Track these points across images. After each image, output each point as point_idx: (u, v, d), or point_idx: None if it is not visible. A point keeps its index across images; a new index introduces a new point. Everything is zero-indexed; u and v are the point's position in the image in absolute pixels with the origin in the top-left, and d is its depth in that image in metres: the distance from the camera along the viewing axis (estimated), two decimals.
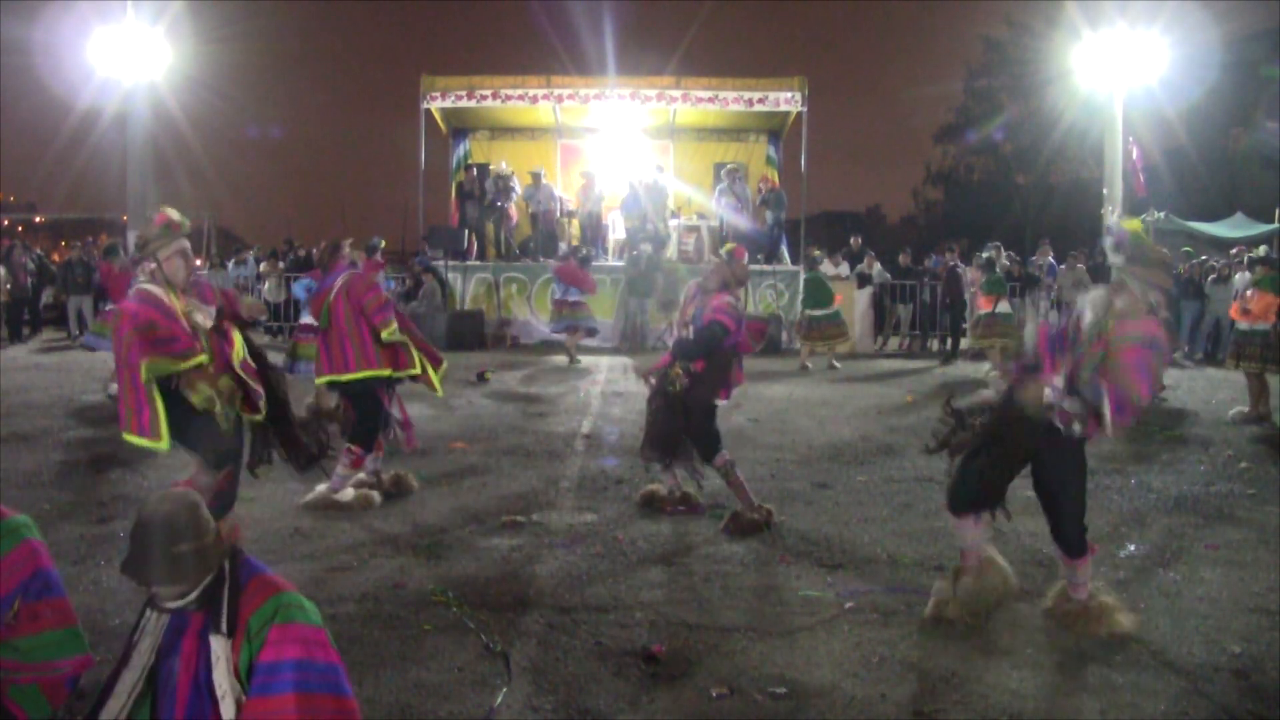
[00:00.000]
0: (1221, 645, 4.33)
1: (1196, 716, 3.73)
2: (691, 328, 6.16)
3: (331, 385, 6.54)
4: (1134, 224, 4.43)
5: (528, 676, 3.97)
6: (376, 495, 6.49)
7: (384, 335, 6.38)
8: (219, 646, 2.68)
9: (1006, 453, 4.48)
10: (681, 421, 6.08)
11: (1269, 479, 7.51)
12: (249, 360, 5.05)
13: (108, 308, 11.00)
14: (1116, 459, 8.11)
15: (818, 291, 14.53)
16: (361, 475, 6.56)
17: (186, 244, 4.96)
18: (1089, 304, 4.36)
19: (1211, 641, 4.38)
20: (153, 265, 4.86)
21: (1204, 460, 8.23)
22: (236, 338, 5.04)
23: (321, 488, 6.36)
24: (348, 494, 6.38)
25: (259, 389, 4.99)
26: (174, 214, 4.96)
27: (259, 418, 5.05)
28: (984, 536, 4.62)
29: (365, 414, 6.40)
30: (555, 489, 7.01)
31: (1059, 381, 4.27)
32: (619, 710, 3.73)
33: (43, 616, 3.00)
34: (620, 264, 17.32)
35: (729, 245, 7.07)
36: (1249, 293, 10.27)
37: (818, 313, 14.38)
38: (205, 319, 4.87)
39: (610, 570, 5.27)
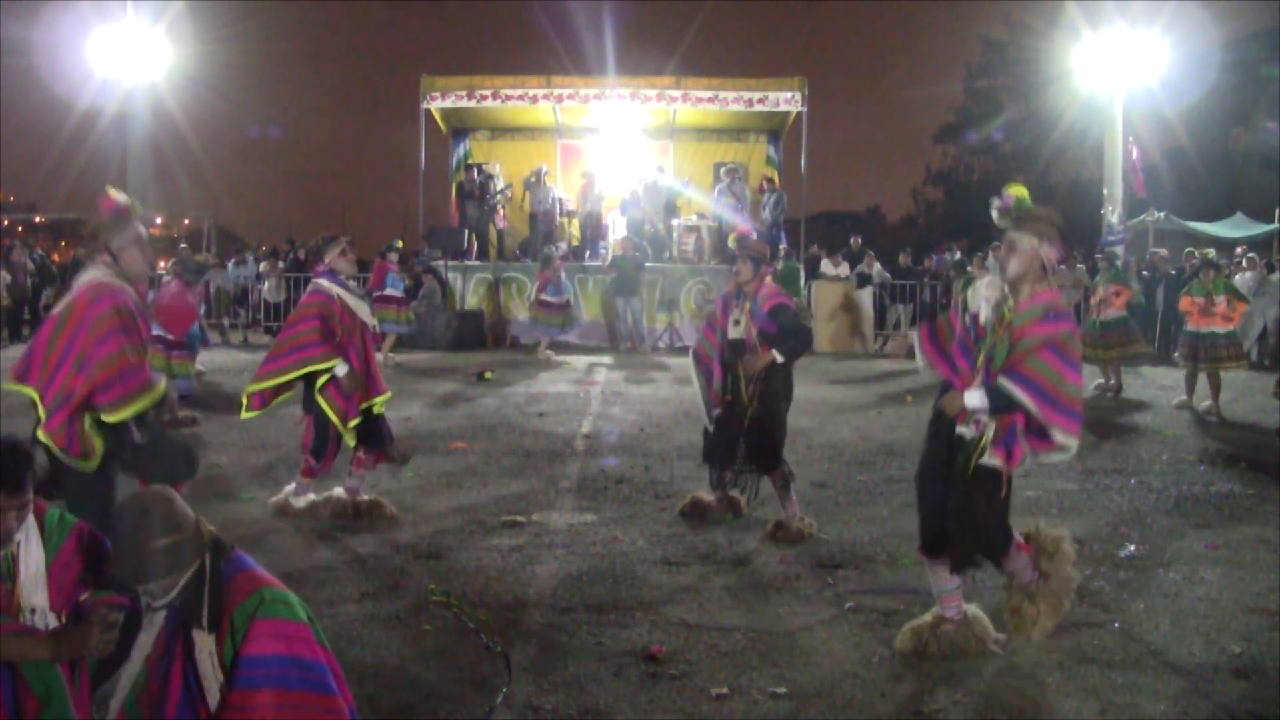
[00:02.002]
0: (1221, 645, 4.33)
1: (1196, 716, 3.73)
2: (759, 324, 5.82)
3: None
4: (1019, 189, 4.18)
5: (528, 676, 3.97)
6: (327, 508, 6.17)
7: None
8: (201, 640, 2.71)
9: (926, 471, 4.24)
10: (764, 421, 5.86)
11: (1269, 479, 7.51)
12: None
13: None
14: (1117, 459, 8.12)
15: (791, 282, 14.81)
16: (340, 491, 6.22)
17: (142, 230, 4.34)
18: (983, 289, 4.13)
19: (1211, 641, 4.38)
20: (106, 258, 4.20)
21: (1204, 460, 8.23)
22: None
23: (288, 488, 6.30)
24: (303, 501, 6.20)
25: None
26: (122, 196, 4.33)
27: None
28: (957, 583, 4.23)
29: (317, 425, 6.04)
30: (555, 489, 7.01)
31: (976, 388, 3.97)
32: (619, 710, 3.73)
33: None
34: (598, 264, 17.38)
35: (735, 234, 6.81)
36: (1218, 299, 10.40)
37: None
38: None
39: (610, 570, 5.27)
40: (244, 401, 6.11)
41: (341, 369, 5.87)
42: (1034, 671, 4.06)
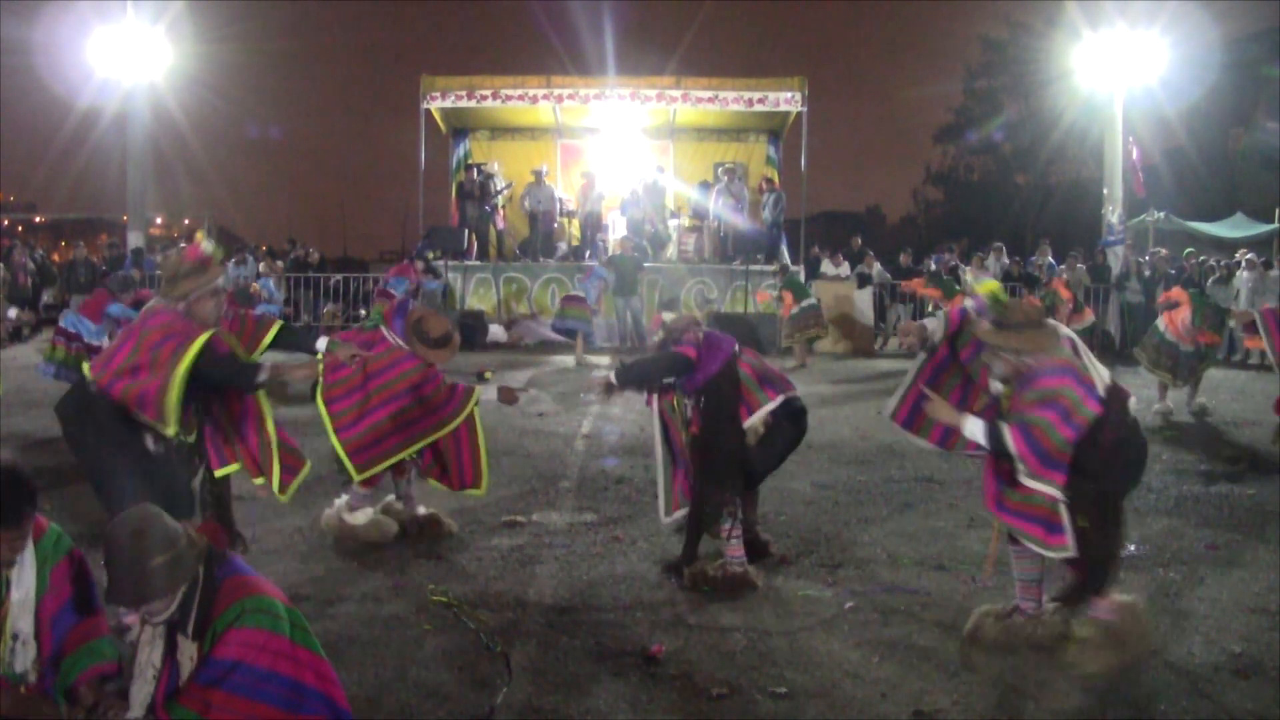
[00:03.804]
0: (1221, 645, 4.33)
1: (1196, 716, 3.74)
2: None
3: None
4: (990, 285, 4.08)
5: (528, 676, 3.97)
6: (393, 524, 5.76)
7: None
8: (184, 645, 2.74)
9: None
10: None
11: (1269, 479, 7.51)
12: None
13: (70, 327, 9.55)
14: None
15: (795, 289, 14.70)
16: (390, 498, 5.92)
17: (221, 281, 4.47)
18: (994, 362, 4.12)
19: (1211, 641, 4.38)
20: (181, 305, 4.36)
21: (1204, 460, 8.23)
22: (264, 405, 4.65)
23: (340, 501, 5.79)
24: (361, 517, 5.71)
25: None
26: (208, 247, 4.46)
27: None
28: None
29: None
30: (555, 489, 7.01)
31: (975, 418, 4.01)
32: (619, 710, 3.73)
33: (100, 627, 3.05)
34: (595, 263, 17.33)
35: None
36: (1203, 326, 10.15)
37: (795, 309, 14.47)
38: None
39: (610, 570, 5.27)
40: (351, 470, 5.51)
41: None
42: (1034, 671, 4.06)
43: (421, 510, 5.90)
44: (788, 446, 5.30)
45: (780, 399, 5.12)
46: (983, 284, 4.06)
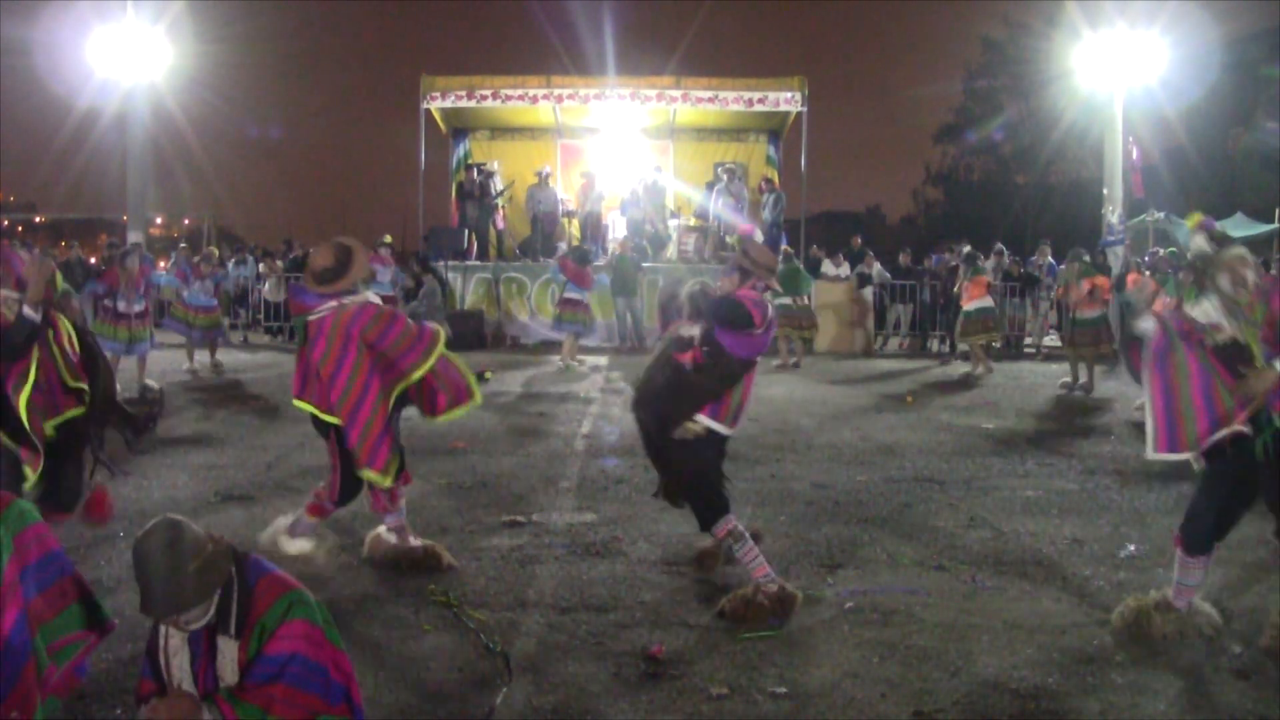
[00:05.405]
0: (1221, 645, 4.33)
1: (1196, 717, 3.73)
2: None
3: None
4: (1194, 217, 4.72)
5: (528, 676, 3.97)
6: (322, 559, 5.26)
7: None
8: (225, 646, 2.74)
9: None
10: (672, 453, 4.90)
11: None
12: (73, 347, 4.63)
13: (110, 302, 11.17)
14: (1117, 459, 8.12)
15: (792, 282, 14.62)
16: (381, 530, 5.38)
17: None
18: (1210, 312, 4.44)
19: (1211, 642, 4.38)
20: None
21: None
22: (61, 322, 4.60)
23: (282, 521, 5.36)
24: (300, 545, 5.24)
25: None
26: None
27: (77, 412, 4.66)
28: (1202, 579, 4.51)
29: (344, 471, 5.11)
30: (555, 489, 7.01)
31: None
32: (619, 710, 3.73)
33: (68, 593, 3.07)
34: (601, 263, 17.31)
35: (738, 234, 6.06)
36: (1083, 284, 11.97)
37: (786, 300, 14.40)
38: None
39: (610, 570, 5.27)
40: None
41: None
42: (1033, 671, 4.06)
43: (415, 542, 5.32)
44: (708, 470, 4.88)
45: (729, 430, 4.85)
46: (1190, 218, 4.59)
